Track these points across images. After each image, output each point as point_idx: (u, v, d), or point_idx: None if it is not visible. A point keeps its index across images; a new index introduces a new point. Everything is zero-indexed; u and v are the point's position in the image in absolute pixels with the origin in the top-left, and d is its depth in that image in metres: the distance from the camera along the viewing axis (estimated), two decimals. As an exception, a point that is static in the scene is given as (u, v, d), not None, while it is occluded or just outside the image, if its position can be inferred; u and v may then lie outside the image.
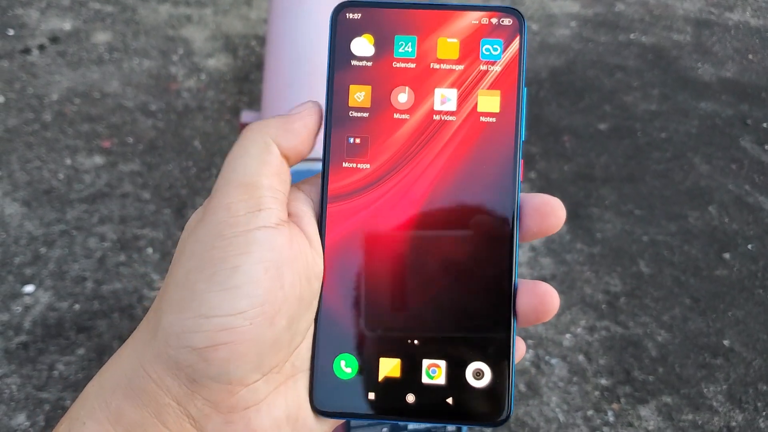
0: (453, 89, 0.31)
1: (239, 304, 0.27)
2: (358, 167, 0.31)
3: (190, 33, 2.48)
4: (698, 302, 1.61)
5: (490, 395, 0.30)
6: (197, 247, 0.28)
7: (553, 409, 1.38)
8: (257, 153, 0.30)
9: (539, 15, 2.79)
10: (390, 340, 0.30)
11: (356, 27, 0.31)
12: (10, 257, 1.59)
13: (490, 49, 0.31)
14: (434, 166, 0.30)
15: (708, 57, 2.57)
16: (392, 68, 0.31)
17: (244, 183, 0.29)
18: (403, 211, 0.30)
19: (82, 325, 1.45)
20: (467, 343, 0.30)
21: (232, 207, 0.28)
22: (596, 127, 2.17)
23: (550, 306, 0.31)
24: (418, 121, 0.31)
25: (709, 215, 1.85)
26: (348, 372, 0.30)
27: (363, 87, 0.31)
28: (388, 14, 0.31)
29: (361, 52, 0.31)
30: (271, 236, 0.28)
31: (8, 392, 1.33)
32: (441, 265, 0.30)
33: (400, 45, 0.31)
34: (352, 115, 0.31)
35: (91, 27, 2.46)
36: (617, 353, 1.49)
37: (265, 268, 0.28)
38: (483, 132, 0.31)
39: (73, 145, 1.93)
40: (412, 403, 0.30)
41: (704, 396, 1.41)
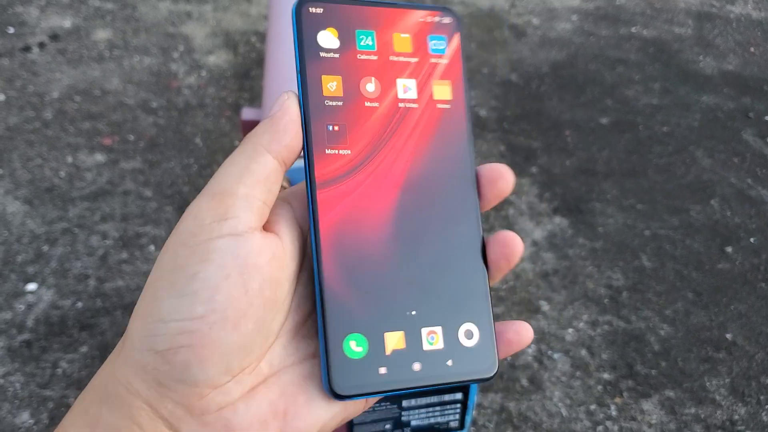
0: (412, 79, 0.34)
1: (196, 309, 0.28)
2: (340, 153, 0.32)
3: (191, 30, 2.48)
4: (700, 296, 1.60)
5: (481, 352, 0.33)
6: (164, 256, 0.29)
7: (556, 404, 1.38)
8: (243, 162, 0.30)
9: (540, 9, 2.78)
10: (392, 315, 0.32)
11: (319, 21, 0.33)
12: (12, 255, 1.59)
13: (436, 44, 0.35)
14: (407, 148, 0.33)
15: (709, 50, 2.56)
16: (357, 60, 0.33)
17: (217, 192, 0.30)
18: (387, 191, 0.33)
19: (85, 323, 1.45)
20: (455, 306, 0.33)
21: (198, 216, 0.29)
22: (598, 122, 2.16)
23: (515, 247, 0.33)
24: (386, 108, 0.33)
25: (711, 209, 1.85)
26: (359, 351, 0.31)
27: (334, 77, 0.33)
28: (346, 10, 0.34)
29: (327, 44, 0.33)
30: (235, 244, 0.29)
31: (12, 390, 1.33)
32: (425, 237, 0.33)
33: (362, 39, 0.34)
34: (327, 104, 0.32)
35: (92, 24, 2.46)
36: (620, 347, 1.48)
37: (226, 275, 0.28)
38: (441, 117, 0.34)
39: (74, 142, 1.93)
40: (419, 371, 0.31)
41: (707, 390, 1.41)
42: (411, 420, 0.68)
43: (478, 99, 2.24)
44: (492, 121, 2.14)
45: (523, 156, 2.00)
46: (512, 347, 0.34)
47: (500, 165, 0.34)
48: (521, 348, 0.34)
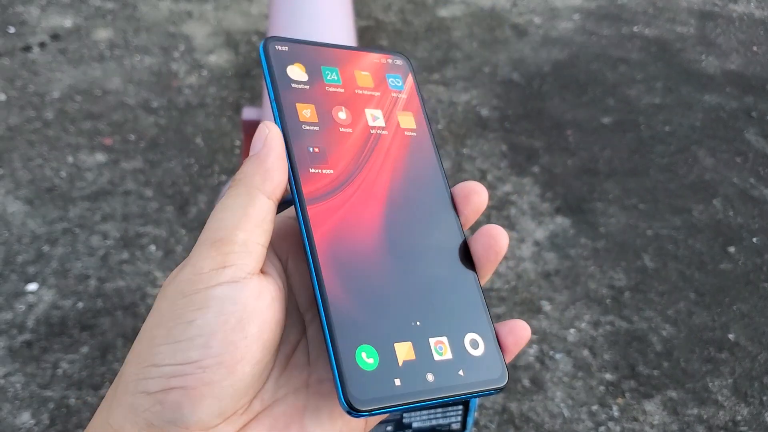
0: (378, 110, 0.36)
1: (191, 355, 0.28)
2: (324, 172, 0.33)
3: (191, 29, 2.47)
4: (703, 296, 1.60)
5: (489, 361, 0.32)
6: (162, 304, 0.29)
7: (558, 404, 1.37)
8: (239, 206, 0.30)
9: (542, 8, 2.77)
10: (398, 325, 0.32)
11: (287, 57, 0.35)
12: (13, 256, 1.59)
13: (394, 81, 0.37)
14: (385, 168, 0.35)
15: (712, 49, 2.56)
16: (326, 91, 0.35)
17: (216, 240, 0.30)
18: (373, 206, 0.34)
19: (86, 323, 1.45)
20: (455, 316, 0.33)
21: (197, 265, 0.29)
22: (600, 121, 2.16)
23: (501, 239, 0.34)
24: (359, 134, 0.35)
25: (713, 209, 1.85)
26: (371, 362, 0.30)
27: (308, 105, 0.35)
28: (310, 49, 0.36)
29: (297, 77, 0.35)
30: (233, 290, 0.29)
31: (12, 391, 1.33)
32: (414, 249, 0.34)
33: (327, 73, 0.36)
34: (305, 128, 0.34)
35: (92, 24, 2.46)
36: (622, 348, 1.48)
37: (224, 321, 0.28)
38: (410, 143, 0.36)
39: (75, 142, 1.93)
40: (434, 381, 0.31)
41: (709, 390, 1.41)
42: (413, 422, 0.67)
43: (479, 98, 2.23)
44: (493, 120, 2.13)
45: (524, 155, 2.00)
46: (510, 352, 0.34)
47: (472, 182, 0.35)
48: (520, 348, 0.34)
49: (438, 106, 2.19)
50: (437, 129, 2.08)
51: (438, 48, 2.49)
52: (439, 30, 2.60)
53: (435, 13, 2.71)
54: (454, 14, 2.72)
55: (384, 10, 2.71)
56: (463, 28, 2.63)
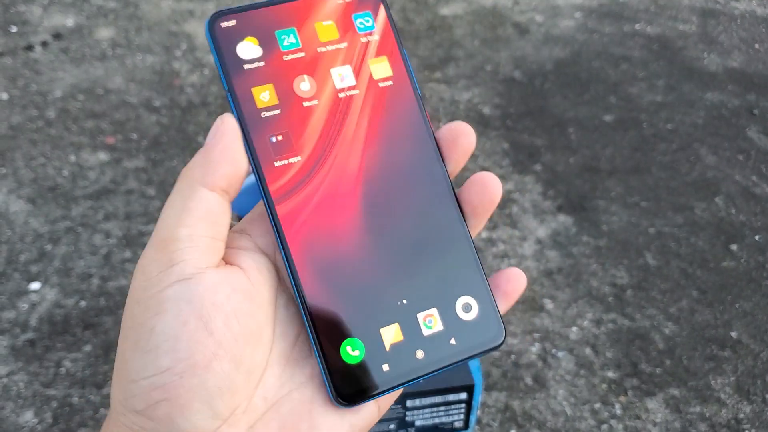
0: (346, 66, 0.33)
1: (161, 363, 0.27)
2: (290, 162, 0.31)
3: (193, 28, 2.47)
4: (705, 294, 1.60)
5: (484, 322, 0.32)
6: (125, 315, 0.29)
7: (560, 403, 1.37)
8: (179, 202, 0.29)
9: (543, 6, 2.77)
10: (382, 310, 0.31)
11: (236, 33, 0.32)
12: (15, 254, 1.59)
13: (363, 22, 0.33)
14: (358, 137, 0.32)
15: (714, 47, 2.55)
16: (285, 62, 0.32)
17: (160, 240, 0.29)
18: (348, 187, 0.32)
19: (89, 322, 1.45)
20: (445, 283, 0.32)
21: (146, 269, 0.28)
22: (601, 119, 2.16)
23: (492, 184, 0.32)
24: (327, 103, 0.32)
25: (715, 206, 1.84)
26: (356, 355, 0.30)
27: (265, 86, 0.32)
28: (261, 14, 0.32)
29: (249, 54, 0.32)
30: (186, 288, 0.28)
31: (15, 389, 1.33)
32: (398, 222, 0.32)
33: (283, 39, 0.32)
34: (264, 116, 0.31)
35: (94, 23, 2.46)
36: (624, 346, 1.48)
37: (183, 322, 0.27)
38: (386, 95, 0.33)
39: (77, 141, 1.93)
40: (423, 357, 0.31)
41: (712, 388, 1.41)
42: (415, 420, 0.67)
43: (481, 97, 2.23)
44: (495, 118, 2.13)
45: (526, 154, 2.00)
46: (510, 298, 0.33)
47: (459, 122, 0.34)
48: (519, 294, 0.33)
49: (440, 105, 2.19)
50: (438, 128, 2.07)
51: (440, 46, 2.49)
52: (440, 28, 2.60)
53: (437, 12, 2.71)
54: (456, 12, 2.71)
55: (385, 9, 2.71)
56: (464, 26, 2.63)
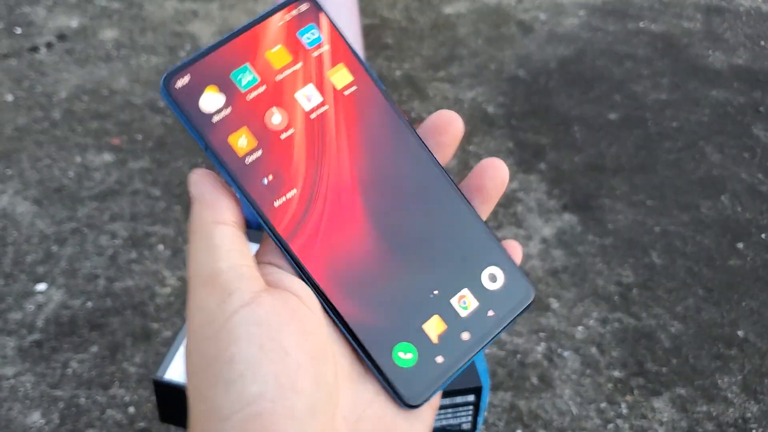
0: (308, 85, 0.33)
1: (251, 390, 0.27)
2: (288, 197, 0.31)
3: (197, 28, 2.48)
4: (712, 293, 1.60)
5: (512, 285, 0.33)
6: (192, 359, 0.28)
7: (566, 402, 1.37)
8: (204, 244, 0.30)
9: (547, 4, 2.77)
10: (418, 307, 0.32)
11: (193, 88, 0.31)
12: (22, 256, 1.59)
13: (309, 36, 0.33)
14: (342, 150, 0.32)
15: (719, 44, 2.55)
16: (249, 101, 0.32)
17: (205, 279, 0.29)
18: (350, 200, 0.32)
19: (95, 323, 1.46)
20: (467, 262, 0.33)
21: (203, 306, 0.29)
22: (606, 117, 2.16)
23: (499, 167, 0.33)
24: (302, 128, 0.32)
25: (721, 205, 1.84)
26: (410, 357, 0.31)
27: (239, 132, 0.31)
28: (211, 60, 0.32)
29: (214, 105, 0.31)
30: (250, 313, 0.28)
31: (23, 390, 1.34)
32: (406, 218, 0.33)
33: (241, 79, 0.32)
34: (249, 162, 0.31)
35: (98, 24, 2.46)
36: (630, 345, 1.48)
37: (260, 345, 0.27)
38: (354, 102, 0.33)
39: (82, 142, 1.93)
40: (470, 338, 0.32)
41: (719, 387, 1.40)
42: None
43: (485, 95, 2.23)
44: (500, 117, 2.13)
45: (531, 152, 2.00)
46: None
47: (444, 111, 0.34)
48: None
49: (444, 104, 2.19)
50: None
51: (443, 45, 2.49)
52: (444, 27, 2.60)
53: (440, 11, 2.71)
54: (460, 11, 2.71)
55: (389, 8, 2.71)
56: (468, 25, 2.62)
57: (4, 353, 1.39)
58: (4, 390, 1.34)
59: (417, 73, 2.32)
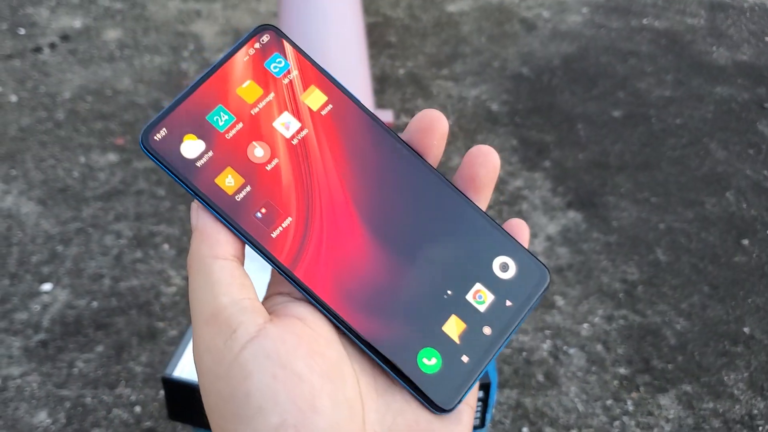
0: (284, 113, 0.33)
1: (272, 421, 0.27)
2: (284, 227, 0.32)
3: (200, 28, 2.48)
4: (717, 289, 1.59)
5: (526, 271, 0.33)
6: (211, 399, 0.29)
7: (572, 399, 1.37)
8: (202, 281, 0.30)
9: (550, 2, 2.76)
10: (434, 310, 0.32)
11: (172, 138, 0.32)
12: (27, 256, 1.59)
13: (276, 65, 0.34)
14: (330, 170, 0.33)
15: (723, 40, 2.54)
16: (229, 140, 0.32)
17: (207, 316, 0.29)
18: (347, 215, 0.32)
19: (101, 323, 1.46)
20: (474, 255, 0.33)
21: (210, 346, 0.29)
22: (610, 114, 2.15)
23: (489, 154, 0.33)
24: (286, 155, 0.32)
25: (726, 201, 1.84)
26: (434, 363, 0.31)
27: (225, 172, 0.32)
28: (184, 108, 0.32)
29: (195, 152, 0.32)
30: (258, 346, 0.28)
31: (29, 390, 1.34)
32: (404, 223, 0.32)
33: (216, 120, 0.32)
34: (239, 198, 0.32)
35: (102, 24, 2.47)
36: (636, 342, 1.48)
37: (273, 375, 0.28)
38: (333, 120, 0.33)
39: (86, 143, 1.93)
40: (491, 332, 0.31)
41: (725, 384, 1.40)
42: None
43: (489, 93, 2.23)
44: (503, 115, 2.13)
45: (535, 150, 1.99)
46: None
47: (428, 110, 0.33)
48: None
49: (447, 102, 2.18)
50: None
51: (446, 43, 2.48)
52: (447, 25, 2.60)
53: (443, 9, 2.71)
54: (463, 9, 2.71)
55: (392, 6, 2.71)
56: (471, 23, 2.62)
57: (10, 353, 1.40)
58: (10, 390, 1.34)
59: (420, 71, 2.32)
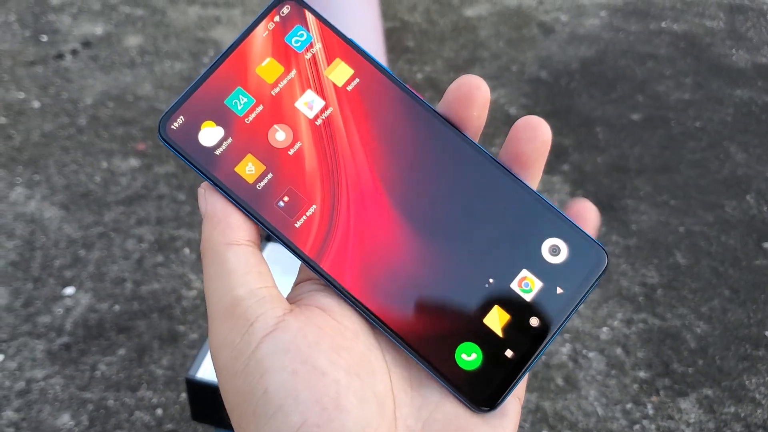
0: (307, 92, 0.30)
1: (293, 420, 0.25)
2: (308, 215, 0.29)
3: (220, 34, 2.50)
4: (738, 293, 1.58)
5: (579, 253, 0.29)
6: (230, 397, 0.27)
7: (592, 403, 1.37)
8: (219, 270, 0.28)
9: (568, 5, 2.76)
10: (474, 300, 0.29)
11: (190, 126, 0.30)
12: (50, 260, 1.61)
13: (297, 39, 0.31)
14: (357, 151, 0.30)
15: (742, 43, 2.52)
16: (249, 124, 0.30)
17: (223, 309, 0.27)
18: (375, 202, 0.30)
19: (122, 326, 1.47)
20: (521, 237, 0.29)
21: (226, 341, 0.27)
22: (629, 118, 2.15)
23: (539, 126, 0.29)
24: (309, 138, 0.30)
25: (746, 204, 1.83)
26: (474, 358, 0.28)
27: (245, 160, 0.30)
28: (200, 93, 0.30)
29: (214, 139, 0.30)
30: (277, 339, 0.27)
31: (52, 392, 1.36)
32: (442, 205, 0.30)
33: (236, 104, 0.30)
34: (260, 187, 0.30)
35: (123, 31, 2.49)
36: (655, 346, 1.47)
37: (292, 372, 0.26)
38: (361, 95, 0.31)
39: (108, 148, 1.96)
40: (539, 323, 0.29)
41: (746, 388, 1.39)
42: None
43: (507, 97, 2.23)
44: (522, 119, 2.13)
45: (554, 154, 1.99)
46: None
47: (466, 76, 0.30)
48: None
49: (466, 106, 2.18)
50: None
51: (464, 48, 2.49)
52: (465, 29, 2.60)
53: (461, 13, 2.71)
54: (480, 13, 2.71)
55: (409, 11, 2.72)
56: (489, 27, 2.62)
57: (34, 356, 1.42)
58: (34, 392, 1.36)
59: (438, 75, 2.33)
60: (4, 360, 1.41)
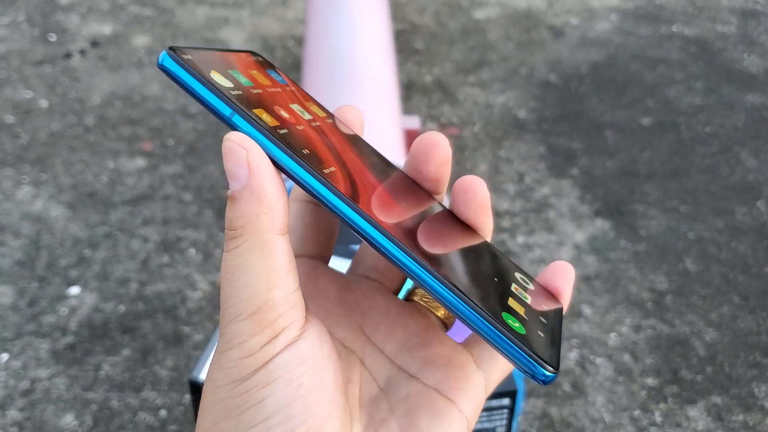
0: (295, 104, 0.31)
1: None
2: (332, 171, 0.27)
3: (228, 35, 2.49)
4: (747, 300, 1.57)
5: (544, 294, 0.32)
6: (216, 396, 0.26)
7: (599, 410, 1.35)
8: (261, 263, 0.25)
9: (579, 9, 2.75)
10: (495, 286, 0.29)
11: (201, 64, 0.27)
12: (55, 259, 1.61)
13: (276, 77, 0.33)
14: (355, 161, 0.30)
15: (754, 48, 2.51)
16: (254, 94, 0.29)
17: (253, 312, 0.25)
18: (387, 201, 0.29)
19: (127, 326, 1.47)
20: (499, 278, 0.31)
21: (245, 345, 0.25)
22: (639, 122, 2.13)
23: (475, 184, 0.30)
24: (309, 127, 0.30)
25: (757, 210, 1.81)
26: (518, 327, 0.27)
27: (258, 110, 0.27)
28: (207, 55, 0.29)
29: (225, 83, 0.27)
30: (296, 350, 0.25)
31: (56, 392, 1.35)
32: None
33: (238, 77, 0.29)
34: (281, 133, 0.27)
35: (131, 31, 2.50)
36: (664, 352, 1.46)
37: (298, 385, 0.25)
38: (339, 129, 0.32)
39: (115, 148, 1.95)
40: (548, 322, 0.30)
41: (755, 396, 1.38)
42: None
43: (516, 100, 2.22)
44: (531, 122, 2.12)
45: (563, 158, 1.98)
46: (563, 289, 0.32)
47: (431, 133, 0.30)
48: (571, 284, 0.31)
49: (474, 108, 2.18)
50: (473, 132, 2.06)
51: (474, 50, 2.48)
52: (474, 32, 2.59)
53: (470, 15, 2.70)
54: (490, 16, 2.70)
55: (419, 13, 2.71)
56: (498, 29, 2.61)
57: (38, 356, 1.41)
58: (38, 392, 1.35)
59: (447, 78, 2.32)
60: (8, 359, 1.40)
